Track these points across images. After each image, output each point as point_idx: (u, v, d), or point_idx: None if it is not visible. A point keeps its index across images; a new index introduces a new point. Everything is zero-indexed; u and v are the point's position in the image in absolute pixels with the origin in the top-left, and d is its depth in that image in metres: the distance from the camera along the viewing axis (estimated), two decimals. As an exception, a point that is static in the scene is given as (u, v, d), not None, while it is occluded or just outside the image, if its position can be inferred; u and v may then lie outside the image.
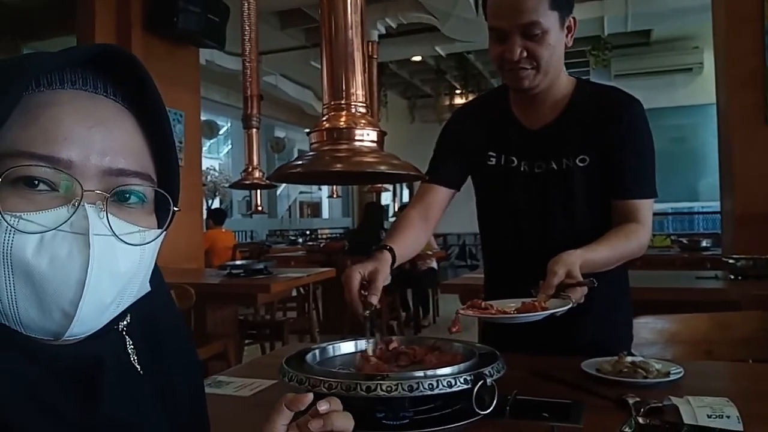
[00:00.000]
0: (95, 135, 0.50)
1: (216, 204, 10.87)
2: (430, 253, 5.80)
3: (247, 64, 3.69)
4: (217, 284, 3.29)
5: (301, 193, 15.48)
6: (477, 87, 9.69)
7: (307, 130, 1.14)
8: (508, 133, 1.40)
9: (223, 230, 6.16)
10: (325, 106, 1.12)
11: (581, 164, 1.32)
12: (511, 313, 1.15)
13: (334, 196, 9.47)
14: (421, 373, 0.91)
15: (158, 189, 0.55)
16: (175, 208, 0.57)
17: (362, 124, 1.10)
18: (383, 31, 6.42)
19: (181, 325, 0.68)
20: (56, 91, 0.50)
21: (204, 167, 9.76)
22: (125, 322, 0.57)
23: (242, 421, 1.01)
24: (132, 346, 0.57)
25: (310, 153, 1.10)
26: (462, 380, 0.89)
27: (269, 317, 4.56)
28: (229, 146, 13.69)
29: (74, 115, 0.50)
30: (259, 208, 6.39)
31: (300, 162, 1.09)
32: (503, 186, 1.40)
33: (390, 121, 10.23)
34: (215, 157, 13.32)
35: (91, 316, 0.49)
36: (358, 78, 1.11)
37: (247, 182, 3.70)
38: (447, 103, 10.50)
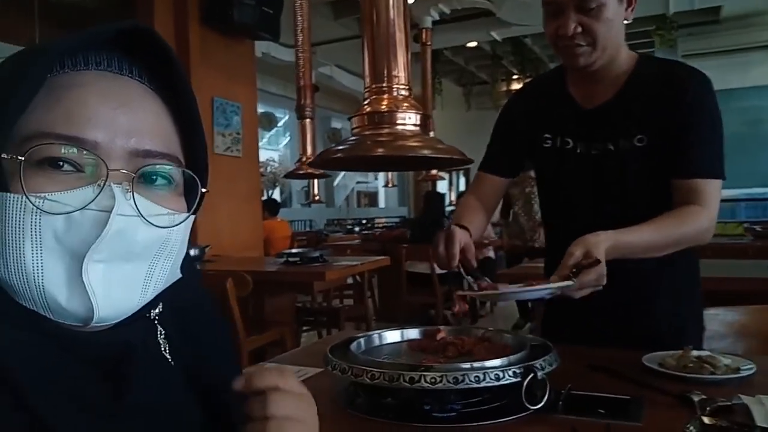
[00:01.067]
0: (120, 116, 0.49)
1: (276, 194, 11.08)
2: (486, 242, 5.70)
3: (300, 54, 3.71)
4: (274, 272, 3.34)
5: (358, 182, 15.55)
6: (535, 71, 9.42)
7: (348, 116, 1.12)
8: (563, 114, 1.34)
9: (279, 220, 6.25)
10: (366, 90, 1.09)
11: (639, 144, 1.25)
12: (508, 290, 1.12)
13: (390, 185, 9.46)
14: (467, 365, 0.87)
15: (186, 170, 0.54)
16: (203, 190, 0.55)
17: (404, 108, 1.07)
18: (437, 18, 6.32)
19: (214, 315, 0.67)
20: (80, 72, 0.50)
21: (263, 158, 9.96)
22: (157, 311, 0.56)
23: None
24: (163, 336, 0.56)
25: (352, 138, 1.08)
26: (511, 373, 0.85)
27: (326, 305, 4.60)
28: (288, 138, 13.91)
29: (98, 96, 0.49)
30: (317, 198, 6.46)
31: (341, 147, 1.07)
32: (558, 169, 1.36)
33: (445, 109, 10.12)
34: (275, 149, 13.55)
35: (115, 298, 0.48)
36: (401, 60, 1.08)
37: (301, 172, 3.73)
38: (504, 89, 10.26)
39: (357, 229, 8.83)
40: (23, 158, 0.45)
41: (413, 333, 1.14)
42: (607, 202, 1.29)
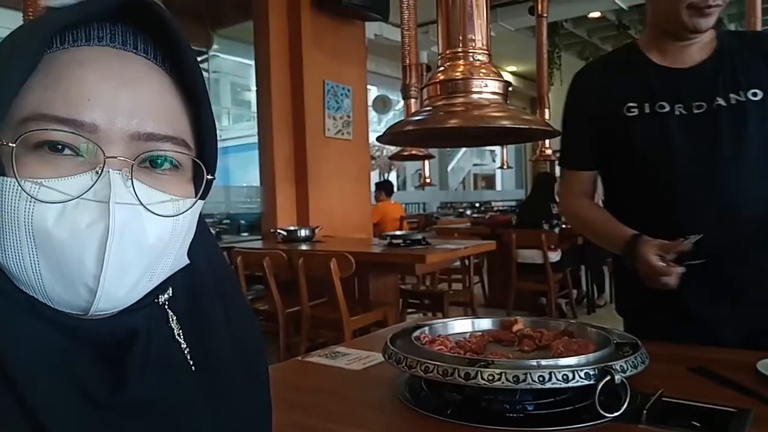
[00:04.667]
0: (122, 95, 0.46)
1: (393, 177, 11.16)
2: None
3: (405, 32, 3.63)
4: (376, 253, 3.34)
5: (475, 165, 15.30)
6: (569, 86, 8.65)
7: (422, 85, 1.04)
8: (650, 78, 1.24)
9: (392, 202, 6.28)
10: (440, 56, 1.00)
11: (753, 98, 1.15)
12: None
13: (505, 167, 9.17)
14: (533, 363, 0.77)
15: (191, 156, 0.50)
16: (209, 177, 0.51)
17: (482, 74, 0.97)
18: (555, -13, 5.95)
19: (234, 299, 0.63)
20: (80, 48, 0.47)
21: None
22: (167, 295, 0.53)
23: (346, 397, 0.96)
24: (175, 320, 0.53)
25: (424, 110, 1.00)
26: (582, 374, 0.74)
27: (431, 288, 4.55)
28: (403, 120, 13.91)
29: (99, 74, 0.45)
30: (427, 181, 6.41)
31: (412, 119, 0.99)
32: (653, 137, 1.22)
33: (565, 85, 9.60)
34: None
35: (118, 290, 0.45)
36: (477, 23, 0.98)
37: (405, 153, 3.68)
38: (631, 61, 9.54)
39: (469, 212, 8.67)
40: (14, 144, 0.43)
41: (485, 323, 1.05)
42: (723, 164, 1.16)
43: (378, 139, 1.13)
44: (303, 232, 4.05)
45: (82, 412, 0.44)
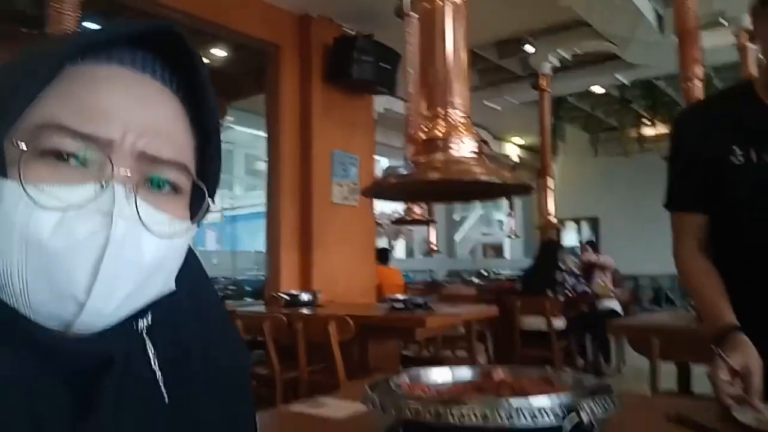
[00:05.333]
0: (134, 114, 0.47)
1: (401, 245, 11.19)
2: (612, 294, 5.31)
3: (409, 106, 3.79)
4: (376, 316, 3.34)
5: (483, 234, 15.35)
6: (669, 116, 8.84)
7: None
8: (761, 123, 1.17)
9: (391, 268, 6.29)
10: (422, 116, 1.07)
11: None
12: None
13: (513, 236, 9.22)
14: (503, 401, 0.79)
15: (195, 180, 0.51)
16: (210, 201, 0.52)
17: (460, 134, 1.03)
18: (557, 64, 6.20)
19: (220, 333, 0.62)
20: (100, 66, 0.47)
21: (387, 210, 10.18)
22: (146, 322, 0.52)
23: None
24: (152, 351, 0.52)
25: (406, 166, 1.06)
26: (551, 414, 0.76)
27: (435, 354, 4.50)
28: (412, 190, 14.10)
29: (115, 92, 0.47)
30: (433, 247, 6.43)
31: (395, 174, 1.05)
32: (757, 188, 1.15)
33: (570, 156, 9.78)
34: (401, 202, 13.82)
35: (105, 306, 0.45)
36: (457, 86, 1.06)
37: (408, 218, 3.75)
38: (634, 134, 9.73)
39: (476, 280, 8.66)
40: (24, 147, 0.43)
41: (465, 372, 1.07)
42: None
43: (363, 192, 1.19)
44: (305, 297, 4.06)
45: None
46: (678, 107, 8.83)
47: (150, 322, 0.52)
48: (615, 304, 5.47)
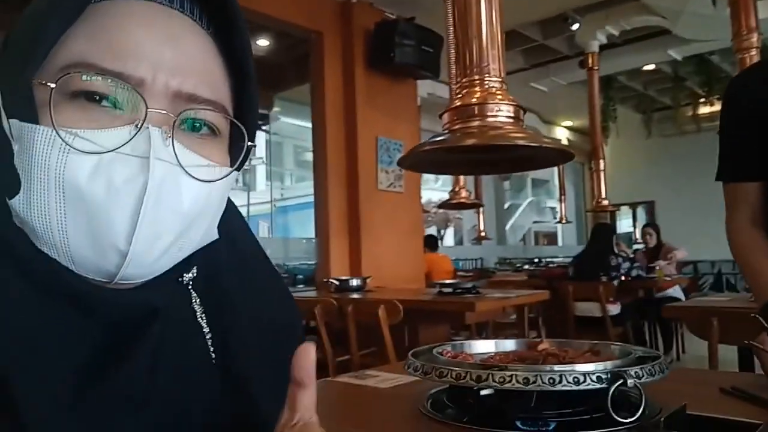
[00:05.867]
0: (166, 52, 0.44)
1: (450, 233, 11.13)
2: (668, 279, 5.14)
3: (452, 86, 3.74)
4: (425, 301, 3.34)
5: (534, 222, 15.10)
6: (724, 91, 8.44)
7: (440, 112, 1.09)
8: None
9: (440, 255, 6.27)
10: (456, 85, 1.06)
11: None
12: None
13: (563, 221, 9.02)
14: (547, 366, 0.78)
15: (234, 120, 0.48)
16: (250, 143, 0.49)
17: (497, 100, 1.01)
18: (604, 41, 6.00)
19: (263, 278, 0.60)
20: (127, 1, 0.45)
21: (435, 199, 10.11)
22: (191, 275, 0.51)
23: (374, 409, 0.99)
24: (198, 302, 0.51)
25: (443, 133, 1.05)
26: (594, 377, 0.74)
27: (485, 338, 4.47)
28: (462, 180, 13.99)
29: (144, 28, 0.44)
30: (482, 234, 6.36)
31: (431, 140, 1.04)
32: None
33: (621, 137, 9.46)
34: (446, 189, 13.73)
35: (147, 255, 0.43)
36: (492, 51, 1.03)
37: (454, 201, 3.72)
38: (690, 113, 9.32)
39: (527, 267, 8.53)
40: (54, 86, 0.41)
41: (510, 344, 1.05)
42: None
43: (399, 162, 1.18)
44: (354, 282, 4.10)
45: (76, 401, 0.41)
46: (736, 82, 8.42)
47: (195, 274, 0.51)
48: (677, 291, 5.30)
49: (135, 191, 0.41)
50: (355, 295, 3.76)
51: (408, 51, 4.79)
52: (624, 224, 11.29)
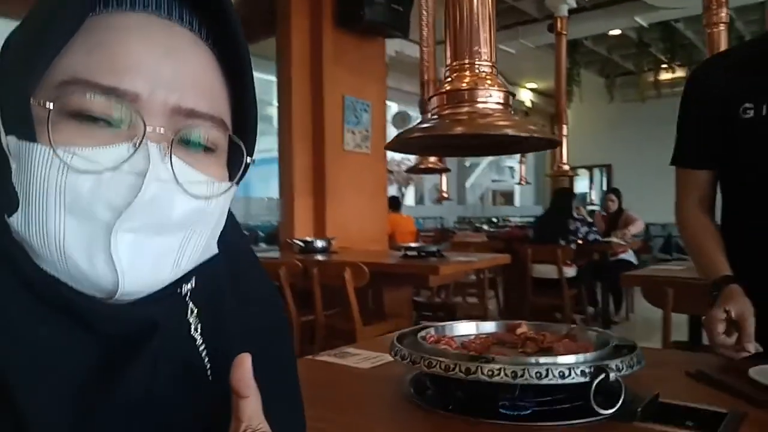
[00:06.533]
0: (165, 67, 0.43)
1: (411, 192, 11.19)
2: (623, 243, 5.32)
3: (423, 49, 3.68)
4: (391, 264, 3.38)
5: (493, 181, 15.29)
6: (688, 60, 8.59)
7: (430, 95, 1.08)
8: None
9: (404, 215, 6.32)
10: (447, 68, 1.04)
11: None
12: None
13: (523, 183, 9.16)
14: (532, 360, 0.80)
15: (232, 135, 0.48)
16: (249, 159, 0.49)
17: (486, 85, 1.01)
18: (574, 5, 5.99)
19: (253, 281, 0.59)
20: (125, 13, 0.44)
21: (398, 157, 10.10)
22: (189, 286, 0.50)
23: (355, 392, 1.00)
24: (194, 314, 0.50)
25: (431, 118, 1.04)
26: (578, 372, 0.77)
27: (446, 300, 4.57)
28: (422, 135, 13.94)
29: (143, 42, 0.43)
30: (445, 195, 6.44)
31: (419, 127, 1.04)
32: (764, 144, 1.15)
33: (584, 102, 9.59)
34: (409, 147, 13.67)
35: (142, 270, 0.43)
36: (483, 35, 1.02)
37: (422, 166, 3.73)
38: (651, 79, 9.48)
39: (486, 227, 8.68)
40: (52, 106, 0.40)
41: (489, 326, 1.08)
42: None
43: (386, 147, 1.17)
44: (319, 243, 4.11)
45: (76, 414, 0.41)
46: (696, 50, 8.60)
47: (194, 285, 0.51)
48: (629, 255, 5.49)
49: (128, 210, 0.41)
50: (320, 257, 3.77)
51: (378, 9, 4.68)
52: (580, 185, 11.55)
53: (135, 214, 0.41)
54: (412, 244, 3.86)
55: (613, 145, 10.33)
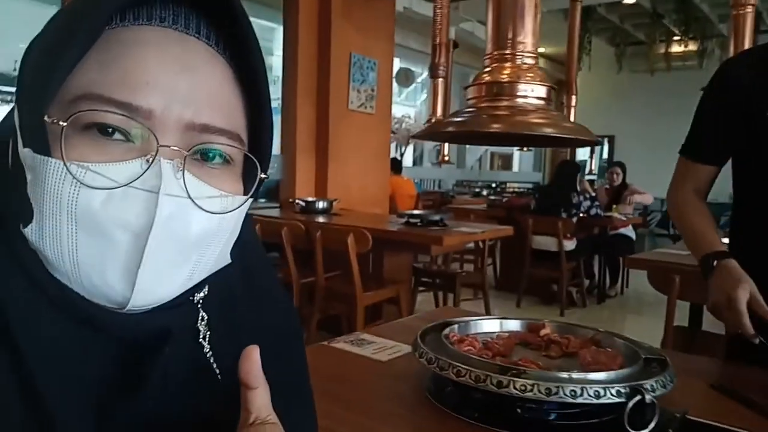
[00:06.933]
0: (180, 82, 0.43)
1: (409, 152, 11.06)
2: (623, 219, 5.32)
3: (437, 11, 3.56)
4: (394, 231, 3.36)
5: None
6: (701, 33, 8.42)
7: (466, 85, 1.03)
8: None
9: (404, 178, 6.27)
10: (487, 57, 0.99)
11: None
12: None
13: (524, 149, 9.10)
14: (565, 375, 0.79)
15: (247, 153, 0.48)
16: (263, 176, 0.49)
17: (528, 78, 0.96)
18: (592, -29, 5.81)
19: (266, 285, 0.60)
20: (141, 27, 0.44)
21: (399, 114, 9.96)
22: (202, 294, 0.51)
23: (371, 388, 0.98)
24: (205, 322, 0.51)
25: (466, 110, 1.00)
26: (614, 392, 0.75)
27: (444, 268, 4.58)
28: (425, 94, 13.78)
29: (159, 57, 0.43)
30: (446, 159, 6.36)
31: (453, 120, 0.99)
32: None
33: (593, 70, 9.41)
34: (411, 105, 13.51)
35: (156, 286, 0.43)
36: (528, 26, 0.97)
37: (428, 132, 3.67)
38: (662, 51, 9.30)
39: (485, 192, 8.65)
40: (65, 123, 0.41)
41: (513, 324, 1.06)
42: None
43: (414, 136, 1.13)
44: (321, 204, 4.08)
45: (94, 420, 0.42)
46: (711, 24, 8.41)
47: (207, 293, 0.51)
48: (628, 230, 5.50)
49: (142, 226, 0.41)
50: (321, 219, 3.75)
51: (390, -38, 4.53)
52: (579, 153, 11.48)
53: (152, 232, 0.41)
54: (415, 212, 3.84)
55: (618, 116, 10.21)
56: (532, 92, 0.96)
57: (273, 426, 0.43)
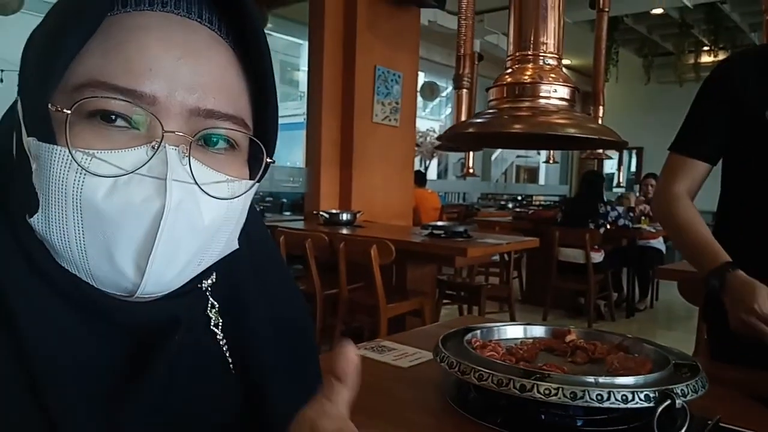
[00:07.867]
0: (183, 67, 0.43)
1: (433, 165, 11.06)
2: (652, 231, 5.21)
3: (462, 22, 3.57)
4: (417, 243, 3.34)
5: (518, 157, 15.07)
6: (731, 43, 8.27)
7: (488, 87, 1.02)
8: None
9: (429, 191, 6.24)
10: (509, 58, 0.98)
11: None
12: None
13: (551, 161, 9.01)
14: (591, 379, 0.76)
15: (252, 137, 0.47)
16: (269, 160, 0.48)
17: (551, 79, 0.95)
18: (618, -19, 5.77)
19: (275, 277, 0.60)
20: (143, 13, 0.43)
21: (423, 128, 9.97)
22: (210, 281, 0.51)
23: (392, 395, 0.97)
24: (215, 309, 0.51)
25: (488, 112, 0.98)
26: (642, 396, 0.73)
27: (468, 280, 4.53)
28: (450, 109, 13.78)
29: (162, 43, 0.43)
30: (471, 171, 6.29)
31: (474, 122, 0.98)
32: None
33: (620, 82, 9.32)
34: (436, 119, 13.53)
35: (166, 273, 0.43)
36: (550, 26, 0.96)
37: (452, 144, 3.65)
38: (691, 61, 9.15)
39: (510, 205, 8.57)
40: (70, 111, 0.40)
41: (537, 330, 1.04)
42: None
43: (438, 138, 1.12)
44: (345, 216, 4.08)
45: (102, 409, 0.42)
46: (742, 34, 8.27)
47: (214, 280, 0.52)
48: (658, 242, 5.39)
49: (152, 212, 0.41)
50: (345, 230, 3.75)
51: (415, -23, 4.56)
52: (607, 166, 11.32)
53: (164, 218, 0.41)
54: (439, 223, 3.82)
55: (647, 127, 10.05)
56: (554, 93, 0.94)
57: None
